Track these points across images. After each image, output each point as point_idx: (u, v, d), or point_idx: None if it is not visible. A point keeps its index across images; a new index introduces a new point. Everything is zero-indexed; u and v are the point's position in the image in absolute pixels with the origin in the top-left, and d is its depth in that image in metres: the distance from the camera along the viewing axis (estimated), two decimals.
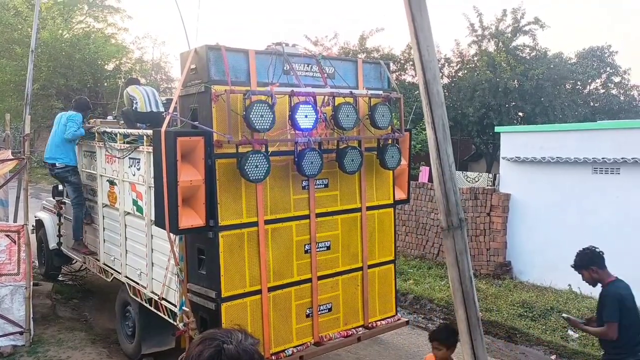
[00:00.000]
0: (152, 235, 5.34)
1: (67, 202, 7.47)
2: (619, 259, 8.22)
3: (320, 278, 4.94)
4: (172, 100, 4.76)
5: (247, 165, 4.16)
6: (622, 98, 20.26)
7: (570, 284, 8.60)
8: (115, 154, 6.02)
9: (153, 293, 5.34)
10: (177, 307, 4.81)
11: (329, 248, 5.01)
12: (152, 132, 4.61)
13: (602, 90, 20.30)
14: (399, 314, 5.79)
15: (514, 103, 17.67)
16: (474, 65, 18.44)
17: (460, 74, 18.90)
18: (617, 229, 8.36)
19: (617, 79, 20.34)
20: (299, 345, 4.73)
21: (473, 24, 18.43)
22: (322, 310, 4.95)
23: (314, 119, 4.51)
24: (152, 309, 5.42)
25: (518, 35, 18.14)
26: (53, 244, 7.96)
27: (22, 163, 6.54)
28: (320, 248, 4.94)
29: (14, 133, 14.50)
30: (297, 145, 4.55)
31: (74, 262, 7.96)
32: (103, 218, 6.54)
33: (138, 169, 5.54)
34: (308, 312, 4.85)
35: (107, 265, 6.51)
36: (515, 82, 17.06)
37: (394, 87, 5.58)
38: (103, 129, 6.39)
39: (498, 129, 11.00)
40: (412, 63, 19.61)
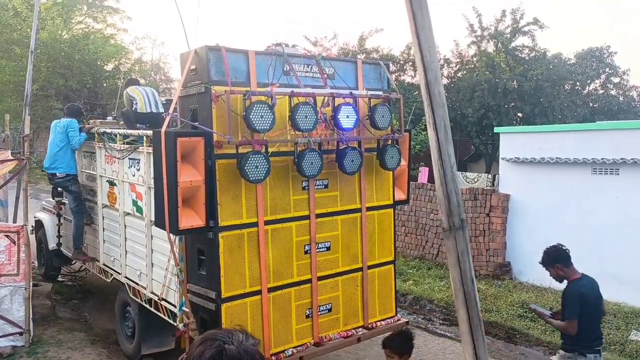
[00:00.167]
0: (152, 236, 5.34)
1: (66, 202, 7.46)
2: (619, 259, 8.29)
3: (320, 278, 4.94)
4: (172, 101, 4.76)
5: (247, 166, 4.17)
6: (621, 99, 20.31)
7: None
8: (115, 155, 6.01)
9: (153, 294, 5.34)
10: (177, 307, 4.81)
11: (329, 249, 5.02)
12: (152, 132, 4.61)
13: (601, 91, 20.35)
14: (399, 315, 5.79)
15: (513, 104, 17.70)
16: (473, 66, 18.46)
17: (460, 75, 18.93)
18: (616, 230, 8.37)
19: (616, 80, 20.40)
20: (299, 346, 4.73)
21: (472, 25, 18.46)
22: (322, 311, 4.95)
23: (315, 120, 4.51)
24: (152, 310, 5.41)
25: (517, 36, 18.18)
26: (52, 245, 7.95)
27: (21, 163, 6.53)
28: (320, 249, 4.94)
29: (13, 133, 14.51)
30: (297, 146, 4.56)
31: (74, 262, 7.95)
32: (103, 219, 6.54)
33: (138, 170, 5.54)
34: (308, 312, 4.85)
35: (106, 266, 6.51)
36: (515, 82, 17.08)
37: (394, 87, 5.59)
38: (103, 130, 6.40)
39: (497, 130, 11.01)
40: (411, 64, 19.63)
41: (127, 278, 5.92)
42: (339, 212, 5.09)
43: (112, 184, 6.23)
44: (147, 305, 5.53)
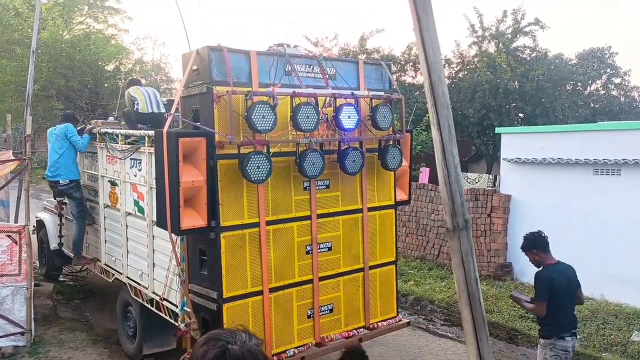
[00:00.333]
0: (153, 236, 5.34)
1: (68, 203, 7.45)
2: (621, 260, 8.28)
3: (322, 279, 4.94)
4: (173, 101, 4.77)
5: (248, 166, 4.17)
6: (622, 99, 20.26)
7: None
8: (117, 155, 6.02)
9: (154, 294, 5.34)
10: (178, 307, 4.81)
11: (331, 249, 5.02)
12: (154, 133, 4.61)
13: (602, 92, 20.31)
14: (400, 315, 5.79)
15: (515, 104, 17.66)
16: (474, 66, 18.43)
17: (461, 75, 18.89)
18: (618, 230, 8.36)
19: (617, 80, 20.34)
20: (301, 346, 4.73)
21: (473, 25, 18.42)
22: (323, 311, 4.96)
23: (316, 120, 4.51)
24: (153, 310, 5.42)
25: (518, 36, 18.13)
26: (54, 245, 7.96)
27: (23, 164, 6.54)
28: (322, 249, 4.95)
29: (15, 134, 14.52)
30: (298, 146, 4.56)
31: (72, 260, 7.95)
32: (104, 219, 6.55)
33: (139, 170, 5.54)
34: (309, 312, 4.86)
35: (108, 266, 6.52)
36: (516, 83, 17.05)
37: (395, 88, 5.58)
38: (104, 130, 6.40)
39: (499, 130, 10.99)
40: (412, 64, 19.61)
41: (128, 278, 5.93)
42: (341, 212, 5.09)
43: (113, 184, 6.23)
44: (148, 305, 5.53)
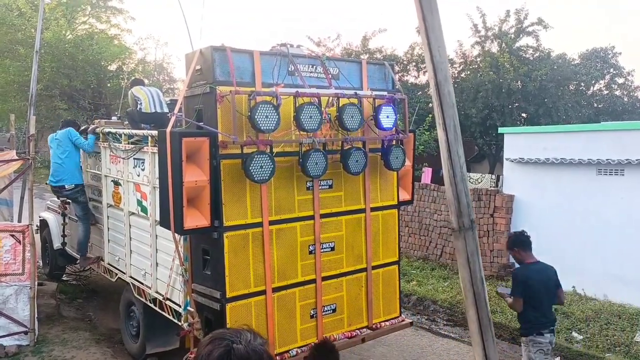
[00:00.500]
0: (156, 236, 5.35)
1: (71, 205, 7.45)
2: (624, 260, 8.25)
3: (325, 279, 4.94)
4: (176, 101, 4.77)
5: (252, 166, 4.17)
6: (625, 99, 20.22)
7: (575, 286, 8.58)
8: (120, 155, 6.03)
9: (157, 293, 5.35)
10: (181, 307, 4.82)
11: (333, 249, 5.02)
12: (157, 132, 4.62)
13: (605, 92, 20.26)
14: (403, 315, 5.79)
15: (517, 104, 17.63)
16: (477, 66, 18.41)
17: (463, 75, 18.86)
18: (621, 230, 8.34)
19: (620, 80, 20.30)
20: (303, 346, 4.73)
21: (476, 25, 18.38)
22: (326, 311, 4.96)
23: (319, 120, 4.51)
24: (156, 309, 5.43)
25: (521, 36, 18.10)
26: (57, 244, 7.98)
27: (26, 163, 6.56)
28: (325, 249, 4.95)
29: (18, 133, 14.56)
30: (301, 146, 4.56)
31: (78, 262, 7.97)
32: (108, 218, 6.56)
33: (142, 170, 5.55)
34: (312, 312, 4.86)
35: (111, 265, 6.53)
36: (519, 83, 17.02)
37: (399, 88, 5.58)
38: (107, 130, 6.41)
39: (502, 130, 10.98)
40: (414, 64, 19.59)
41: (131, 277, 5.94)
42: (344, 212, 5.09)
43: (116, 184, 6.24)
44: (151, 305, 5.54)
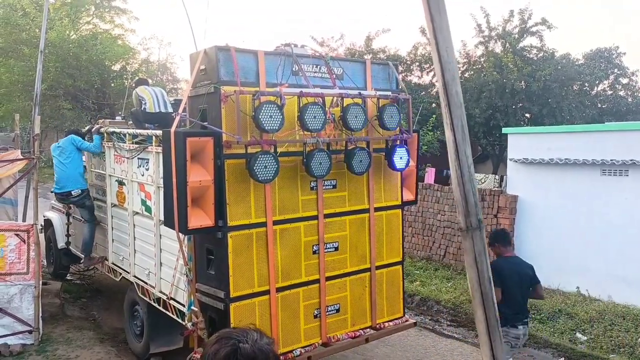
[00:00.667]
0: (160, 235, 5.36)
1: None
2: (628, 261, 8.22)
3: (329, 279, 4.94)
4: (180, 101, 4.78)
5: (256, 166, 4.18)
6: (630, 100, 20.14)
7: (579, 287, 8.56)
8: (124, 154, 6.05)
9: (162, 293, 5.36)
10: (185, 306, 4.83)
11: (337, 249, 5.02)
12: (161, 132, 4.63)
13: (609, 92, 20.19)
14: (407, 316, 5.78)
15: (521, 104, 17.59)
16: (481, 66, 18.38)
17: (467, 75, 18.83)
18: (625, 231, 8.31)
19: (625, 81, 20.22)
20: (307, 346, 4.73)
21: (480, 25, 18.36)
22: (330, 311, 4.95)
23: (323, 120, 4.51)
24: (160, 309, 5.44)
25: (525, 36, 18.06)
26: (61, 244, 8.01)
27: (31, 163, 6.58)
28: (329, 249, 4.95)
29: (22, 133, 14.59)
30: (305, 146, 4.56)
31: (82, 261, 7.99)
32: (112, 218, 6.58)
33: (147, 169, 5.56)
34: (316, 312, 4.86)
35: (115, 265, 6.55)
36: (522, 83, 16.98)
37: (403, 88, 5.57)
38: (112, 130, 6.43)
39: (505, 130, 10.95)
40: (418, 64, 19.58)
41: (135, 277, 5.95)
42: (347, 212, 5.09)
43: (121, 184, 6.26)
44: (155, 304, 5.55)
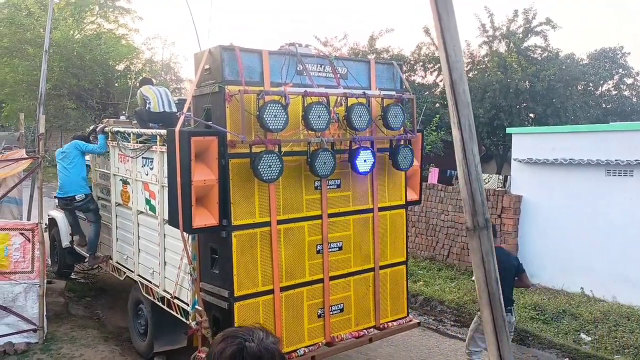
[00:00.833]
0: (164, 234, 5.37)
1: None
2: (633, 262, 8.19)
3: (332, 278, 4.94)
4: (184, 101, 4.79)
5: (260, 165, 4.18)
6: (634, 100, 20.08)
7: (583, 287, 8.53)
8: (129, 154, 6.06)
9: (166, 292, 5.36)
10: (189, 306, 4.83)
11: (341, 248, 5.02)
12: (166, 131, 4.63)
13: (614, 92, 20.12)
14: (410, 315, 5.78)
15: (525, 104, 17.55)
16: (485, 66, 18.34)
17: (471, 75, 18.79)
18: (630, 232, 8.28)
19: (629, 81, 20.15)
20: (311, 345, 4.74)
21: (484, 25, 18.31)
22: (333, 311, 4.95)
23: (327, 119, 4.50)
24: (164, 308, 5.45)
25: (529, 36, 18.00)
26: (66, 243, 8.02)
27: (36, 162, 6.60)
28: (332, 248, 4.95)
29: (26, 132, 14.65)
30: (310, 146, 4.56)
31: (87, 260, 8.01)
32: (116, 217, 6.59)
33: (151, 169, 5.57)
34: (320, 312, 4.86)
35: (119, 264, 6.56)
36: (527, 83, 16.93)
37: (407, 87, 5.57)
38: (116, 129, 6.45)
39: (509, 130, 10.92)
40: (421, 64, 19.55)
41: (140, 276, 5.96)
42: (351, 212, 5.09)
43: (125, 183, 6.27)
44: (159, 303, 5.56)
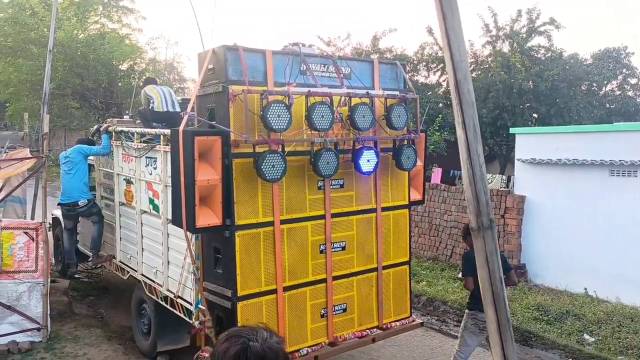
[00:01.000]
0: (168, 234, 5.37)
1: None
2: (637, 262, 8.15)
3: (335, 278, 4.94)
4: (188, 100, 4.79)
5: (263, 165, 4.18)
6: (638, 100, 20.01)
7: (586, 288, 8.51)
8: (132, 153, 6.07)
9: (169, 291, 5.37)
10: (193, 305, 4.84)
11: (344, 248, 5.01)
12: (169, 131, 4.64)
13: (618, 92, 20.06)
14: (413, 316, 5.77)
15: (529, 104, 17.51)
16: (488, 66, 18.31)
17: (474, 75, 18.74)
18: (634, 232, 8.25)
19: (633, 81, 20.09)
20: (314, 345, 4.74)
21: (487, 25, 18.29)
22: (336, 311, 4.95)
23: (331, 119, 4.50)
24: (168, 307, 5.46)
25: (533, 36, 17.97)
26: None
27: (40, 161, 6.62)
28: (336, 248, 4.95)
29: (30, 132, 14.69)
30: (313, 146, 4.56)
31: (90, 260, 8.03)
32: (120, 216, 6.61)
33: (155, 168, 5.58)
34: (323, 312, 4.86)
35: (123, 263, 6.58)
36: (530, 83, 16.90)
37: (410, 87, 5.56)
38: (120, 128, 6.46)
39: (513, 130, 10.89)
40: (425, 64, 19.53)
41: (143, 275, 5.97)
42: (355, 212, 5.09)
43: (129, 182, 6.29)
44: (163, 303, 5.57)
